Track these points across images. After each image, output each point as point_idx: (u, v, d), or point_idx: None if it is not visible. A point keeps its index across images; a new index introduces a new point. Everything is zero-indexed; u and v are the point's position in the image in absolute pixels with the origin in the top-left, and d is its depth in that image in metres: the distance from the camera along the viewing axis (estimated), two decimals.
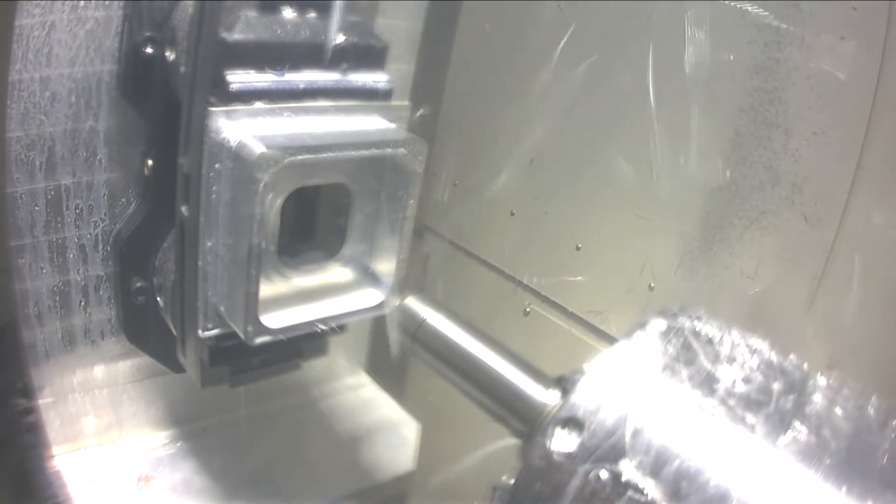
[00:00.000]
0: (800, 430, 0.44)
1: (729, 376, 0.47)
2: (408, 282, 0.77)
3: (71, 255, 0.77)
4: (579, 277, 0.95)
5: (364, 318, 0.76)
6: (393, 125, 0.73)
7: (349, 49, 0.71)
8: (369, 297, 0.77)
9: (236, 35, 0.64)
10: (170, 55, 0.71)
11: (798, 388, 0.47)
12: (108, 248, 0.79)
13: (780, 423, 0.44)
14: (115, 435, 0.90)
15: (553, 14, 0.95)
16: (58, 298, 0.79)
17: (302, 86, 0.69)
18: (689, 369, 0.48)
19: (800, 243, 0.75)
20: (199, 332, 0.70)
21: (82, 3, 0.69)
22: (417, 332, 0.75)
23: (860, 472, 0.42)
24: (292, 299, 0.74)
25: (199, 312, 0.69)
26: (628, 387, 0.47)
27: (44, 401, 0.82)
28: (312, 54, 0.69)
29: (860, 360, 0.72)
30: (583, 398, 0.47)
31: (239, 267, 0.66)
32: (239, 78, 0.65)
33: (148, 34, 0.71)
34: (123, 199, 0.79)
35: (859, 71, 0.70)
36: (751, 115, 0.78)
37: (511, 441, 0.62)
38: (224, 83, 0.64)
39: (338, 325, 0.78)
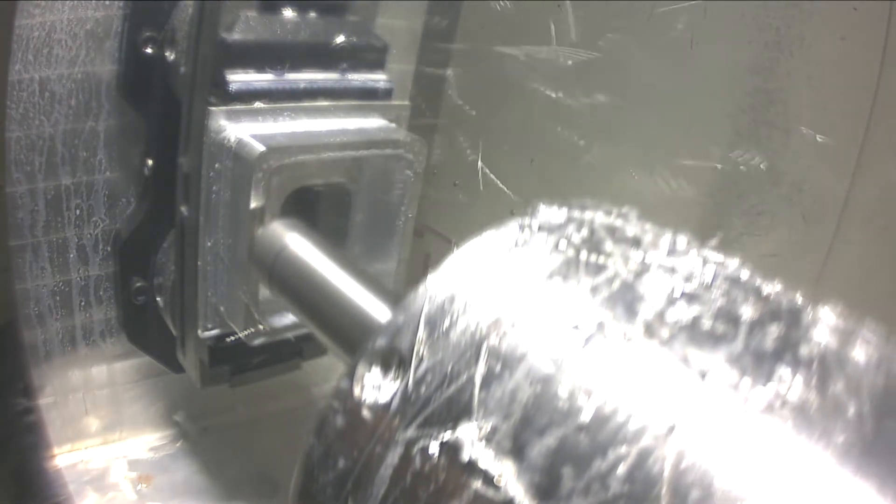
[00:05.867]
0: (788, 383, 0.25)
1: (661, 293, 0.28)
2: (408, 282, 0.77)
3: (71, 256, 0.77)
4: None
5: None
6: (393, 125, 0.73)
7: (349, 49, 0.71)
8: None
9: (236, 35, 0.65)
10: (170, 55, 0.71)
11: (787, 318, 0.29)
12: (108, 248, 0.79)
13: (754, 369, 0.26)
14: (115, 434, 0.90)
15: (553, 13, 0.95)
16: (58, 298, 0.79)
17: (302, 85, 0.69)
18: (594, 278, 0.29)
19: (799, 243, 0.75)
20: (199, 332, 0.70)
21: (82, 3, 0.69)
22: (274, 266, 0.55)
23: None
24: None
25: (199, 312, 0.69)
26: (489, 300, 0.28)
27: (44, 400, 0.82)
28: (312, 54, 0.69)
29: None
30: (414, 318, 0.29)
31: (239, 267, 0.66)
32: (239, 78, 0.65)
33: (148, 34, 0.71)
34: (123, 200, 0.79)
35: (859, 71, 0.70)
36: (751, 115, 0.78)
37: None
38: (224, 83, 0.64)
39: None
